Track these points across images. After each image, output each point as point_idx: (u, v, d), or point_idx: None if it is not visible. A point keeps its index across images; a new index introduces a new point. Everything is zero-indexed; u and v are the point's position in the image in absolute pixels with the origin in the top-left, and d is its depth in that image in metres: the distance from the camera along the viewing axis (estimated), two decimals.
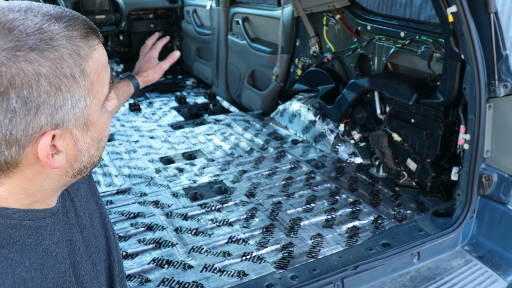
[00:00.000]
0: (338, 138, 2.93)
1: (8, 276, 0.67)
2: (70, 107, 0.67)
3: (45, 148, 0.67)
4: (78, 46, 0.67)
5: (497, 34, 1.87)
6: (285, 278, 1.79)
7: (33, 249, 0.73)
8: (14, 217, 0.73)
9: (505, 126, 1.94)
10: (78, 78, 0.67)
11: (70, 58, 0.66)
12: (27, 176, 0.71)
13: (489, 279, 1.85)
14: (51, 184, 0.75)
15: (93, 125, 0.73)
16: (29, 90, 0.62)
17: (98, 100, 0.72)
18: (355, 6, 2.88)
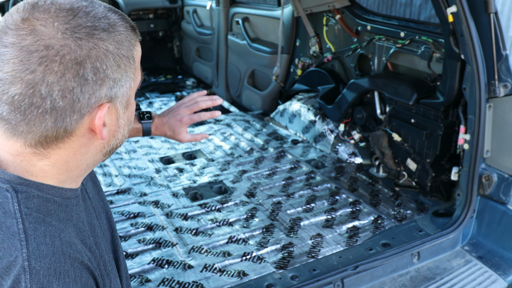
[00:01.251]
0: (338, 138, 2.93)
1: (56, 239, 0.75)
2: (122, 84, 0.77)
3: (103, 117, 0.76)
4: (129, 35, 0.79)
5: (497, 34, 1.87)
6: (285, 278, 1.79)
7: (67, 223, 0.81)
8: (48, 192, 0.80)
9: (505, 126, 1.94)
10: (131, 60, 0.78)
11: (127, 42, 0.77)
12: (73, 148, 0.79)
13: (489, 279, 1.85)
14: (88, 159, 0.83)
15: (130, 105, 0.83)
16: (100, 63, 0.73)
17: (136, 84, 0.82)
18: (355, 6, 2.88)
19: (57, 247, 0.75)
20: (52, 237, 0.75)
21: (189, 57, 5.23)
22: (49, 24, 0.70)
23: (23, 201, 0.76)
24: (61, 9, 0.72)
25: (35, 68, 0.69)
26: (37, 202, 0.78)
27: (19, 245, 0.72)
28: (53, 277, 0.72)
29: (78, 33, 0.71)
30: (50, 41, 0.69)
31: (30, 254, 0.72)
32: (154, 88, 4.80)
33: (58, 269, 0.73)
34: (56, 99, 0.71)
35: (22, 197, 0.77)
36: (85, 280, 0.76)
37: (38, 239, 0.73)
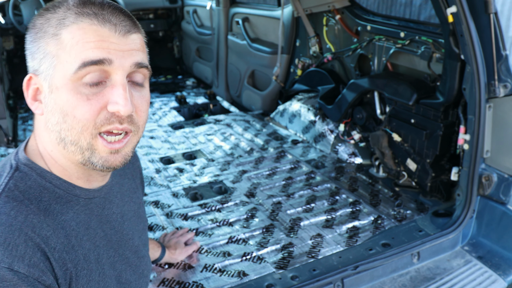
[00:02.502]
0: (338, 138, 2.93)
1: (21, 216, 0.78)
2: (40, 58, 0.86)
3: (25, 83, 0.88)
4: (67, 16, 0.84)
5: (497, 34, 1.87)
6: (285, 278, 1.79)
7: (54, 215, 0.83)
8: (51, 181, 0.85)
9: (505, 126, 1.94)
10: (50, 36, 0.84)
11: (56, 21, 0.84)
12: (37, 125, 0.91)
13: (489, 279, 1.85)
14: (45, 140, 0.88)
15: (57, 89, 0.82)
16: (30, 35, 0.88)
17: (65, 69, 0.81)
18: (355, 6, 2.88)
19: (18, 222, 0.77)
20: (18, 213, 0.78)
21: (189, 57, 5.23)
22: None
23: (15, 179, 0.82)
24: None
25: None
26: (30, 184, 0.82)
27: None
28: (1, 245, 0.74)
29: (39, 13, 0.85)
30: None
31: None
32: (154, 88, 4.80)
33: (9, 240, 0.75)
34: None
35: (18, 175, 0.83)
36: (35, 261, 0.76)
37: (3, 210, 0.77)
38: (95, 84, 0.81)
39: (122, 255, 1.03)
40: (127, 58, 0.83)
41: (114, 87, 0.82)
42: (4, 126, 3.03)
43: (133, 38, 0.86)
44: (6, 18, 4.18)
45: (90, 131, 0.82)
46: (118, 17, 0.83)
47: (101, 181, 0.95)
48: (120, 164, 0.87)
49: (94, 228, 0.93)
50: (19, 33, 4.32)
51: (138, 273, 1.08)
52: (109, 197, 0.98)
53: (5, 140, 3.01)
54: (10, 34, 4.40)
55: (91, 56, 0.80)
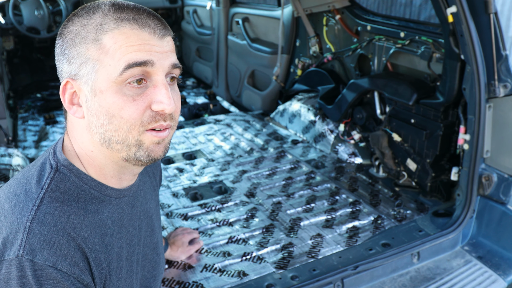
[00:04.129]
0: (338, 138, 2.93)
1: (63, 216, 0.82)
2: (80, 63, 0.88)
3: (62, 88, 0.90)
4: (106, 21, 0.87)
5: (497, 34, 1.87)
6: (285, 278, 1.79)
7: (91, 214, 0.88)
8: (87, 183, 0.89)
9: (505, 126, 1.94)
10: (90, 41, 0.87)
11: (94, 26, 0.87)
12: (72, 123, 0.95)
13: (488, 279, 1.85)
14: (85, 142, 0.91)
15: (101, 92, 0.85)
16: (63, 41, 0.91)
17: (108, 73, 0.85)
18: (355, 6, 2.88)
19: (61, 222, 0.82)
20: (61, 213, 0.82)
21: (189, 57, 5.23)
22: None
23: (56, 179, 0.86)
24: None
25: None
26: (69, 185, 0.87)
27: (31, 208, 0.81)
28: (46, 244, 0.78)
29: (69, 19, 0.88)
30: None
31: (34, 217, 0.80)
32: None
33: (53, 240, 0.79)
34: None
35: (58, 176, 0.87)
36: (76, 260, 0.81)
37: (48, 209, 0.81)
38: (139, 86, 0.86)
39: (143, 251, 1.08)
40: (165, 59, 0.88)
41: (157, 87, 0.86)
42: (4, 126, 3.03)
43: (167, 40, 0.91)
44: (6, 18, 4.18)
45: (138, 129, 0.86)
46: (154, 21, 0.88)
47: (131, 180, 0.99)
48: (162, 154, 0.91)
49: (126, 227, 0.97)
50: (19, 33, 4.32)
51: (157, 269, 1.14)
52: (136, 195, 1.03)
53: (5, 140, 3.01)
54: (10, 34, 4.40)
55: (135, 58, 0.84)
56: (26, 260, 0.76)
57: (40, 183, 0.85)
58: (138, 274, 1.02)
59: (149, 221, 1.10)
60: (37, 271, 0.76)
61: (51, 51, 4.92)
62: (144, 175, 1.14)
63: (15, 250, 0.77)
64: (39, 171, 0.88)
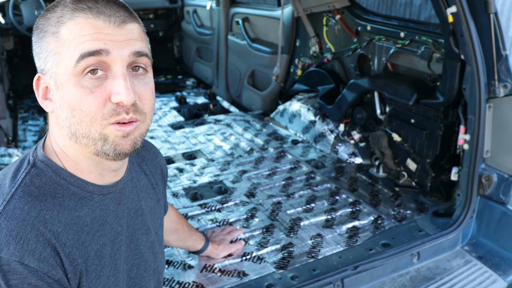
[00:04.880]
0: (338, 138, 2.93)
1: (34, 211, 0.81)
2: (44, 57, 0.89)
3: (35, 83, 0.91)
4: (64, 13, 0.86)
5: (497, 34, 1.87)
6: (285, 278, 1.79)
7: (67, 210, 0.87)
8: (65, 178, 0.88)
9: (505, 126, 1.94)
10: (50, 35, 0.87)
11: (55, 19, 0.86)
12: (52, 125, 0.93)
13: (488, 279, 1.85)
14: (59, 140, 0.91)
15: (62, 85, 0.84)
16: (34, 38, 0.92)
17: (66, 64, 0.84)
18: (355, 6, 2.88)
19: (30, 217, 0.80)
20: (31, 208, 0.81)
21: (189, 57, 5.23)
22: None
23: (31, 175, 0.85)
24: None
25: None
26: (45, 181, 0.86)
27: (1, 203, 0.81)
28: (13, 239, 0.77)
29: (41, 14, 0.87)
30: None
31: (3, 213, 0.79)
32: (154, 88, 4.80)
33: (20, 235, 0.78)
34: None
35: (34, 171, 0.86)
36: (45, 255, 0.80)
37: (18, 204, 0.81)
38: (97, 77, 0.83)
39: (136, 249, 1.05)
40: (124, 48, 0.85)
41: (115, 77, 0.83)
42: (4, 126, 3.03)
43: (130, 28, 0.87)
44: (6, 18, 4.18)
45: (99, 122, 0.84)
46: (112, 9, 0.85)
47: (114, 176, 0.97)
48: (130, 148, 0.88)
49: (111, 224, 0.96)
50: (19, 33, 4.32)
51: (153, 269, 1.11)
52: (124, 192, 1.00)
53: (5, 140, 3.01)
54: (10, 34, 4.40)
55: (87, 48, 0.81)
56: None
57: (15, 178, 0.85)
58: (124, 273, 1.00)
59: (143, 219, 1.08)
60: (3, 266, 0.75)
61: None
62: (139, 173, 1.12)
63: None
64: (17, 167, 0.88)
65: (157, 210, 1.17)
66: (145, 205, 1.10)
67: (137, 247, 1.06)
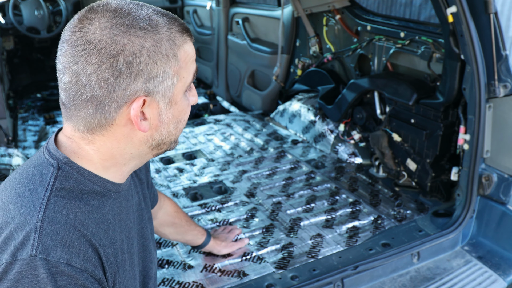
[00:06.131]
0: (338, 138, 2.93)
1: (72, 213, 0.83)
2: (160, 80, 0.85)
3: (137, 108, 0.84)
4: (174, 36, 0.86)
5: (497, 34, 1.87)
6: (285, 278, 1.79)
7: (95, 209, 0.89)
8: (89, 179, 0.89)
9: (505, 126, 1.94)
10: (171, 59, 0.85)
11: (167, 42, 0.84)
12: (116, 137, 0.88)
13: (489, 279, 1.85)
14: (131, 149, 0.91)
15: (175, 103, 0.90)
16: (133, 57, 0.81)
17: (183, 84, 0.90)
18: (355, 6, 2.88)
19: (71, 219, 0.82)
20: (69, 210, 0.83)
21: None
22: (94, 22, 0.81)
23: (60, 178, 0.86)
24: (108, 10, 0.83)
25: (78, 59, 0.80)
26: (72, 183, 0.87)
27: (39, 207, 0.81)
28: (59, 242, 0.79)
29: (115, 30, 0.80)
30: (91, 36, 0.80)
31: (44, 217, 0.80)
32: None
33: (65, 238, 0.80)
34: (94, 88, 0.81)
35: (61, 174, 0.87)
36: (88, 256, 0.83)
37: (56, 208, 0.82)
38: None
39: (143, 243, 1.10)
40: None
41: (192, 88, 0.96)
42: (4, 126, 3.03)
43: None
44: (6, 18, 4.18)
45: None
46: None
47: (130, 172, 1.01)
48: None
49: (125, 220, 0.99)
50: (19, 33, 4.32)
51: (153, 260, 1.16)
52: (129, 189, 1.04)
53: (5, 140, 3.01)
54: (10, 34, 4.40)
55: (195, 67, 0.93)
56: (40, 259, 0.77)
57: (43, 182, 0.85)
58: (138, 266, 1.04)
59: (142, 212, 1.13)
60: (51, 269, 0.77)
61: (51, 51, 4.92)
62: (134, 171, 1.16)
63: (28, 250, 0.77)
64: (39, 170, 0.88)
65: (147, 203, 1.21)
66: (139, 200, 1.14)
67: (144, 240, 1.11)
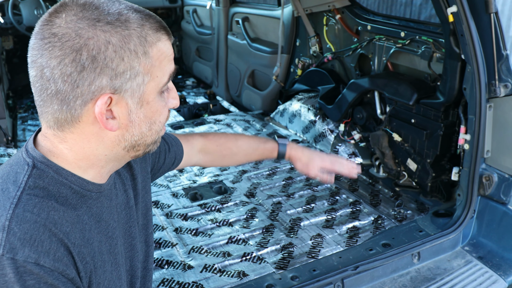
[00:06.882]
0: (338, 138, 2.93)
1: (43, 212, 0.81)
2: (128, 77, 0.81)
3: (101, 105, 0.80)
4: (147, 33, 0.82)
5: (498, 34, 1.86)
6: (285, 278, 1.79)
7: (70, 209, 0.87)
8: (67, 178, 0.87)
9: (505, 126, 1.94)
10: (140, 56, 0.81)
11: (137, 39, 0.81)
12: (85, 135, 0.85)
13: (489, 279, 1.85)
14: (104, 150, 0.88)
15: (147, 103, 0.86)
16: (98, 52, 0.77)
17: (156, 84, 0.86)
18: (355, 6, 2.87)
19: (42, 218, 0.80)
20: (40, 209, 0.81)
21: (189, 57, 5.22)
22: (61, 15, 0.79)
23: (34, 176, 0.84)
24: (77, 3, 0.80)
25: (43, 53, 0.78)
26: (48, 181, 0.85)
27: (8, 206, 0.80)
28: (27, 242, 0.77)
29: (80, 23, 0.77)
30: (56, 29, 0.77)
31: (13, 216, 0.78)
32: None
33: (34, 237, 0.78)
34: (58, 82, 0.78)
35: (36, 173, 0.85)
36: (59, 255, 0.81)
37: (26, 207, 0.80)
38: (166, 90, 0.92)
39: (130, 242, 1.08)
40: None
41: (171, 89, 0.94)
42: (3, 126, 3.03)
43: None
44: (6, 17, 4.17)
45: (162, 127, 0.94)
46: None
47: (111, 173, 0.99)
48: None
49: (106, 220, 0.97)
50: (19, 33, 4.31)
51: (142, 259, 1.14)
52: (112, 188, 1.02)
53: (4, 140, 3.01)
54: (10, 34, 4.40)
55: (172, 68, 0.90)
56: (7, 258, 0.75)
57: (16, 181, 0.84)
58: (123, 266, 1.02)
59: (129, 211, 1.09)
60: (19, 268, 0.75)
61: None
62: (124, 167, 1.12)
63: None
64: (15, 170, 0.87)
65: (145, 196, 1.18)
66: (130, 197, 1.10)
67: (131, 239, 1.08)
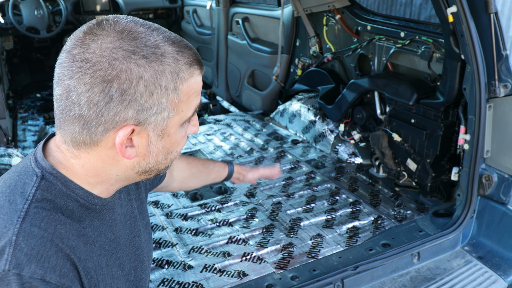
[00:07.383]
0: (338, 138, 2.93)
1: (50, 227, 0.80)
2: (154, 112, 0.80)
3: (122, 136, 0.80)
4: (180, 68, 0.80)
5: (497, 34, 1.86)
6: (285, 278, 1.79)
7: (76, 222, 0.86)
8: (74, 191, 0.86)
9: (505, 126, 1.94)
10: (170, 92, 0.80)
11: (169, 74, 0.79)
12: (101, 157, 0.84)
13: (489, 279, 1.85)
14: (117, 172, 0.88)
15: (168, 136, 0.86)
16: (129, 86, 0.76)
17: (180, 118, 0.85)
18: (355, 6, 2.88)
19: (49, 233, 0.79)
20: (48, 224, 0.80)
21: None
22: (96, 40, 0.76)
23: (42, 188, 0.83)
24: (115, 29, 0.78)
25: (72, 75, 0.76)
26: (55, 194, 0.84)
27: (16, 220, 0.78)
28: (34, 257, 0.76)
29: (115, 53, 0.75)
30: (90, 55, 0.75)
31: (20, 231, 0.77)
32: None
33: (41, 253, 0.77)
34: (83, 108, 0.77)
35: (44, 184, 0.84)
36: (65, 271, 0.80)
37: (34, 221, 0.79)
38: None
39: (130, 253, 1.06)
40: None
41: (193, 118, 0.92)
42: (3, 126, 3.03)
43: None
44: (6, 18, 4.17)
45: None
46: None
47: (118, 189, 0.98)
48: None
49: (105, 233, 0.96)
50: (19, 33, 4.32)
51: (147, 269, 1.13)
52: (115, 200, 1.01)
53: (4, 140, 3.01)
54: (10, 34, 4.40)
55: (198, 102, 0.88)
56: (13, 274, 0.74)
57: (24, 193, 0.82)
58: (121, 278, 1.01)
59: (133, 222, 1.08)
60: (24, 284, 0.74)
61: (51, 51, 4.92)
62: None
63: (1, 265, 0.75)
64: (23, 180, 0.85)
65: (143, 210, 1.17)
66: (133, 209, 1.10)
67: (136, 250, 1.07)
